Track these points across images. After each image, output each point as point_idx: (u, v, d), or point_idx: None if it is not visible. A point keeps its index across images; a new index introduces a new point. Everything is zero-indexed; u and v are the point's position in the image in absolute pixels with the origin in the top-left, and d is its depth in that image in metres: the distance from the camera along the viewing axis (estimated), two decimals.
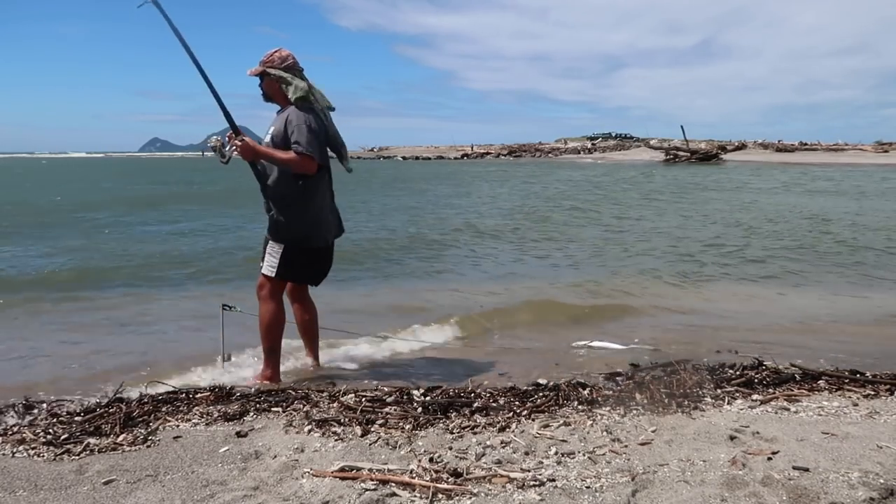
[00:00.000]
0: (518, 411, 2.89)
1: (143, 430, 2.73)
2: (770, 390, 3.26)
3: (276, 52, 3.40)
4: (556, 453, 2.42)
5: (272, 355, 3.53)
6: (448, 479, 2.20)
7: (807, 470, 2.22)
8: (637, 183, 26.50)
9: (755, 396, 3.14)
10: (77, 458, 2.47)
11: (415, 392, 3.19)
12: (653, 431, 2.64)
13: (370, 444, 2.52)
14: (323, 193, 3.47)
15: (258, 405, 3.02)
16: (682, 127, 60.75)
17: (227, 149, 3.32)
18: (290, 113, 3.33)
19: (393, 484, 2.17)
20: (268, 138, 3.38)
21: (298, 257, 3.45)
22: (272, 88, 3.40)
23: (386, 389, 3.26)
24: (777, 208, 15.20)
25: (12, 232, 10.83)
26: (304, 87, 3.35)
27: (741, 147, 61.09)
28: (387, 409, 2.91)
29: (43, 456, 2.50)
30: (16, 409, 3.06)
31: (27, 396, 3.29)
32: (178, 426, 2.80)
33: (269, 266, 3.43)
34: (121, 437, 2.65)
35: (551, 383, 3.40)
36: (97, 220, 13.26)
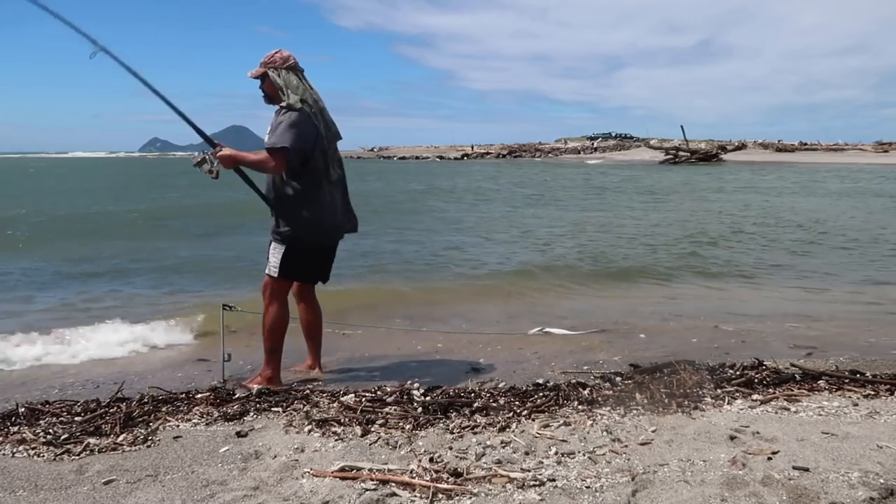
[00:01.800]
0: (518, 411, 2.89)
1: (143, 430, 2.73)
2: (770, 390, 3.26)
3: (276, 52, 3.40)
4: (556, 453, 2.42)
5: (273, 356, 3.53)
6: (448, 479, 2.21)
7: (807, 470, 2.22)
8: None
9: (755, 396, 3.14)
10: (77, 458, 2.47)
11: (415, 392, 3.19)
12: (653, 431, 2.64)
13: (370, 444, 2.52)
14: (327, 193, 3.44)
15: (258, 405, 3.02)
16: (682, 127, 60.80)
17: (213, 164, 3.32)
18: (279, 113, 3.35)
19: (393, 484, 2.17)
20: (266, 138, 3.38)
21: (299, 257, 3.45)
22: (272, 89, 3.40)
23: (386, 389, 3.26)
24: None
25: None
26: (297, 98, 3.33)
27: (741, 147, 61.11)
28: (387, 409, 2.91)
29: (43, 456, 2.51)
30: (16, 409, 3.06)
31: (28, 399, 3.30)
32: (178, 426, 2.81)
33: (272, 266, 3.44)
34: (121, 437, 2.65)
35: (551, 383, 3.41)
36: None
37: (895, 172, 33.66)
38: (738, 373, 3.57)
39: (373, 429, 2.69)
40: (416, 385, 3.34)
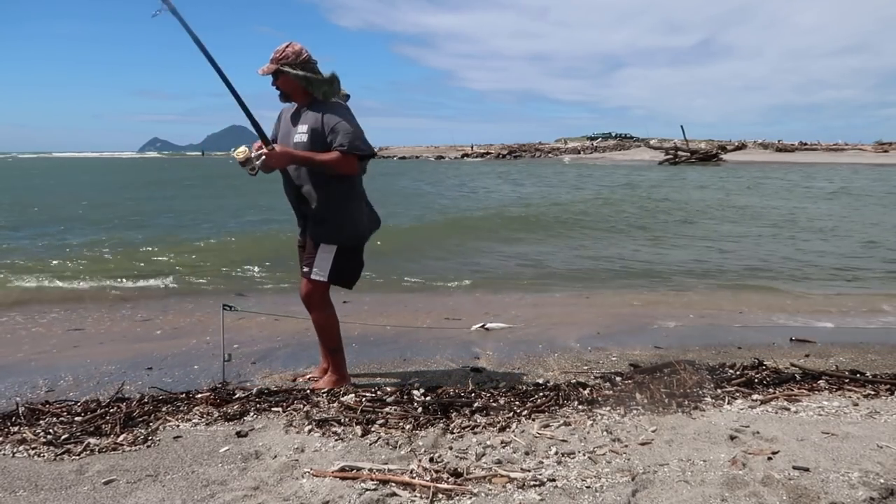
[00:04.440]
0: (518, 411, 2.89)
1: (143, 430, 2.73)
2: (770, 390, 3.27)
3: (288, 46, 3.21)
4: (556, 453, 2.42)
5: (337, 354, 3.47)
6: (448, 479, 2.21)
7: (807, 470, 2.22)
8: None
9: (755, 396, 3.14)
10: (77, 458, 2.47)
11: (415, 392, 3.19)
12: (653, 431, 2.64)
13: (370, 444, 2.52)
14: (362, 188, 3.38)
15: (258, 405, 3.02)
16: (682, 127, 60.92)
17: (256, 161, 3.14)
18: (323, 111, 3.18)
19: (393, 484, 2.17)
20: (304, 138, 3.20)
21: (350, 257, 3.36)
22: (290, 86, 3.22)
23: (386, 389, 3.27)
24: None
25: None
26: (329, 86, 3.21)
27: (741, 147, 61.19)
28: (387, 409, 2.91)
29: (43, 456, 2.51)
30: (16, 409, 3.06)
31: (28, 399, 3.30)
32: (178, 426, 2.81)
33: (321, 270, 3.31)
34: (121, 437, 2.65)
35: (551, 383, 3.41)
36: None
37: None
38: (738, 373, 3.58)
39: (373, 429, 2.69)
40: (416, 385, 3.34)
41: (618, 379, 3.43)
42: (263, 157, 3.13)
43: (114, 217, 14.18)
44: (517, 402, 3.03)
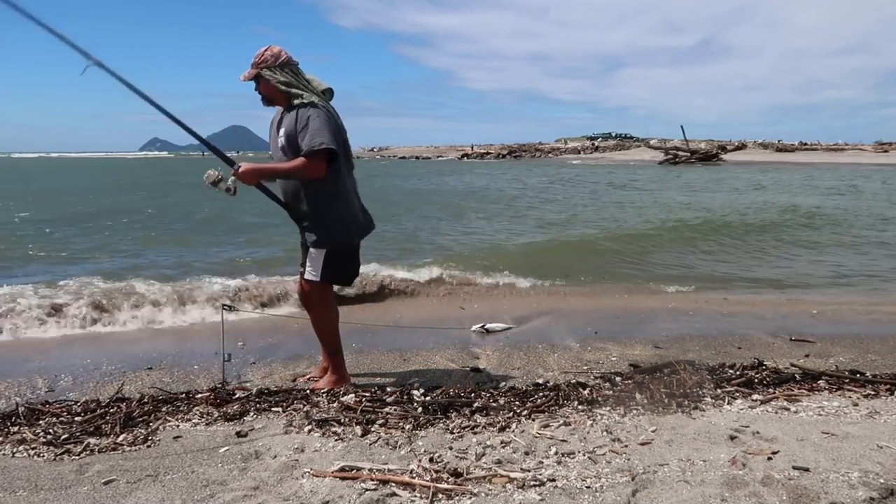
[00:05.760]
0: (518, 411, 2.89)
1: (143, 430, 2.73)
2: (770, 390, 3.27)
3: (266, 50, 3.22)
4: (556, 453, 2.42)
5: (337, 355, 3.48)
6: (448, 479, 2.21)
7: (807, 470, 2.22)
8: None
9: (755, 396, 3.14)
10: (77, 458, 2.48)
11: (415, 392, 3.19)
12: (653, 431, 2.64)
13: (370, 444, 2.52)
14: (350, 188, 3.36)
15: (258, 405, 3.02)
16: (682, 127, 60.97)
17: (230, 181, 3.12)
18: (298, 112, 3.17)
19: (393, 484, 2.17)
20: (282, 142, 3.22)
21: (340, 257, 3.36)
22: (270, 90, 3.23)
23: (386, 389, 3.27)
24: None
25: None
26: (309, 94, 3.20)
27: (741, 147, 61.22)
28: (387, 409, 2.91)
29: (43, 456, 2.51)
30: (16, 408, 3.06)
31: (28, 399, 3.30)
32: (178, 426, 2.81)
33: (314, 272, 3.33)
34: (121, 437, 2.65)
35: (551, 383, 3.41)
36: None
37: None
38: (738, 373, 3.58)
39: (373, 429, 2.69)
40: (416, 385, 3.34)
41: (618, 379, 3.43)
42: (233, 175, 3.12)
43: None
44: (517, 402, 3.03)
